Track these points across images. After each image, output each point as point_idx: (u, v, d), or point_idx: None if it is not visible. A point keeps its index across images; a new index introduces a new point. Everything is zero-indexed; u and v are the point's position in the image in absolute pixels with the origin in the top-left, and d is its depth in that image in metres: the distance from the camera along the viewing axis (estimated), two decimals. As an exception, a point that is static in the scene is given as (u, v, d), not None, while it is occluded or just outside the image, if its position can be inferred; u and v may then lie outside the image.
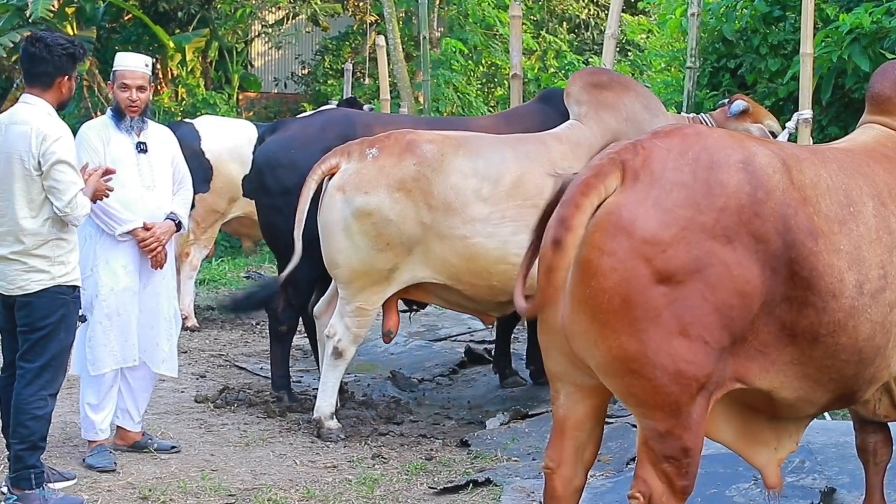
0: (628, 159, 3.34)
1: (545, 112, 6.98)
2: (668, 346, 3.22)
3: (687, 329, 3.22)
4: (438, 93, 15.19)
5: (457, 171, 5.91)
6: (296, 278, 6.46)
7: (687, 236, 3.23)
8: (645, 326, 3.21)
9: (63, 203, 4.77)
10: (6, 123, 4.89)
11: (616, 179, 3.31)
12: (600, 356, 3.31)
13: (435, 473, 5.46)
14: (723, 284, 3.24)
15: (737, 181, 3.32)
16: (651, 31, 15.55)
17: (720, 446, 4.89)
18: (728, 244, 3.26)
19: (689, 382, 3.26)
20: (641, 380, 3.26)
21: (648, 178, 3.30)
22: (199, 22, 17.91)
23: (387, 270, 5.93)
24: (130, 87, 5.63)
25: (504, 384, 7.26)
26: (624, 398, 3.40)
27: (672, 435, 3.31)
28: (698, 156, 3.35)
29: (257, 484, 5.29)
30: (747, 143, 3.50)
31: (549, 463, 3.65)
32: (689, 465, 3.34)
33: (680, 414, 3.29)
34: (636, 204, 3.26)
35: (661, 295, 3.21)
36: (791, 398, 3.53)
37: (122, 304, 5.53)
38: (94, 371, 5.53)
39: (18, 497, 4.81)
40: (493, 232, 5.88)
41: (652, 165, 3.32)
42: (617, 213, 3.26)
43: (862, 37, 7.48)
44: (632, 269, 3.21)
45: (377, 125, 6.78)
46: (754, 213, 3.30)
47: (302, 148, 6.70)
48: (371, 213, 5.87)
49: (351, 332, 6.04)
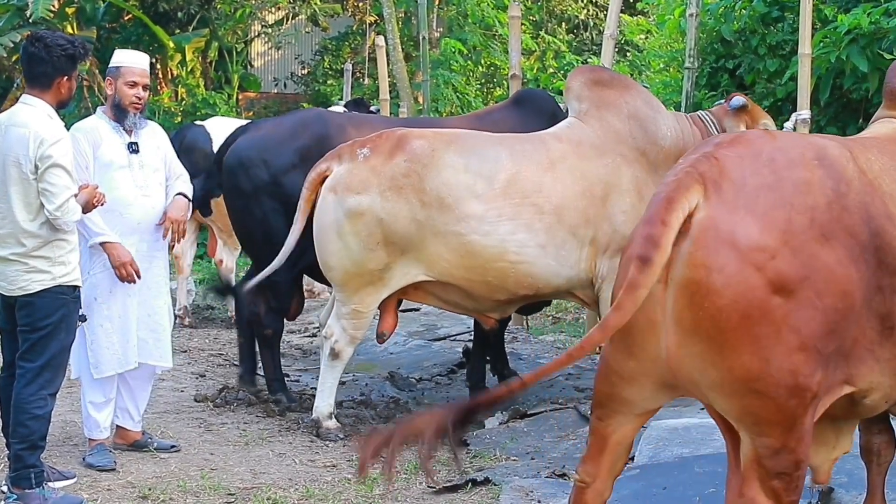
0: (705, 170, 3.21)
1: (517, 113, 6.98)
2: (788, 361, 3.10)
3: (804, 341, 3.10)
4: (438, 93, 15.20)
5: (448, 166, 5.88)
6: (276, 281, 6.54)
7: (790, 239, 3.12)
8: (767, 343, 3.08)
9: (54, 206, 4.76)
10: (5, 125, 4.88)
11: (698, 192, 3.18)
12: (718, 377, 3.15)
13: (434, 473, 5.46)
14: (828, 288, 3.13)
15: (819, 177, 3.23)
16: (650, 31, 15.54)
17: (719, 446, 4.91)
18: (826, 243, 3.15)
19: (806, 395, 3.14)
20: (763, 398, 3.12)
21: (731, 186, 3.18)
22: (198, 22, 17.93)
23: (379, 271, 5.90)
24: (138, 85, 5.60)
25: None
26: (739, 417, 3.23)
27: (786, 449, 3.18)
28: (772, 157, 3.25)
29: (257, 483, 5.30)
30: (812, 138, 3.40)
31: (584, 477, 3.57)
32: (798, 478, 3.23)
33: (794, 427, 3.17)
34: (729, 214, 3.13)
35: (777, 306, 3.08)
36: (877, 397, 3.43)
37: (121, 305, 5.54)
38: (97, 374, 5.53)
39: (18, 496, 4.82)
40: (489, 230, 5.84)
41: (730, 174, 3.20)
42: (713, 227, 3.12)
43: (860, 37, 7.49)
44: (745, 281, 3.08)
45: (350, 126, 6.78)
46: (842, 208, 3.21)
47: (274, 148, 6.69)
48: (363, 213, 5.85)
49: (347, 334, 6.03)
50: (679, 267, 3.14)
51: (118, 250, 5.41)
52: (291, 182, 6.51)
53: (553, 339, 9.01)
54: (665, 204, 3.17)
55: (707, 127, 6.45)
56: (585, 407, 6.18)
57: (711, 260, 3.10)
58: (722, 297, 3.08)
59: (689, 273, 3.13)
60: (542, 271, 5.94)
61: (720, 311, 3.08)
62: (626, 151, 6.17)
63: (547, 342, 8.81)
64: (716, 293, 3.09)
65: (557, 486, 5.02)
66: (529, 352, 8.35)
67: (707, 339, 3.12)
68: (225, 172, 6.88)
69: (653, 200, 3.26)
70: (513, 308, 6.42)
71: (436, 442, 3.43)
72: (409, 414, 6.68)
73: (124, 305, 5.54)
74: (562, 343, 8.79)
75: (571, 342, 8.86)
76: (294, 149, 6.57)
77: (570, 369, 7.61)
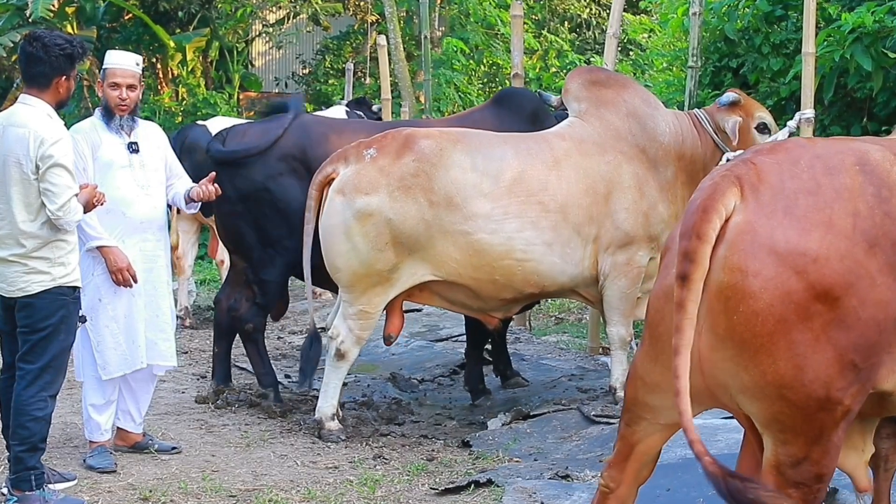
0: (742, 174, 3.17)
1: (497, 113, 6.97)
2: (823, 372, 3.03)
3: (842, 353, 3.03)
4: (439, 92, 15.19)
5: (456, 165, 5.90)
6: (266, 280, 6.65)
7: (833, 244, 3.05)
8: (803, 350, 3.02)
9: (56, 206, 4.74)
10: (4, 125, 4.86)
11: (734, 196, 3.14)
12: (750, 380, 3.11)
13: (436, 474, 5.45)
14: (871, 298, 3.05)
15: (859, 183, 3.15)
16: (653, 30, 15.52)
17: (721, 448, 4.89)
18: (869, 250, 3.08)
19: (837, 409, 3.08)
20: (792, 407, 3.07)
21: (769, 189, 3.12)
22: (199, 21, 17.91)
23: (387, 271, 5.91)
24: (121, 86, 5.56)
25: (506, 385, 7.25)
26: (766, 423, 3.19)
27: (809, 461, 3.13)
28: (812, 163, 3.18)
29: (258, 485, 5.28)
30: (853, 143, 3.33)
31: (609, 483, 3.54)
32: (818, 491, 3.18)
33: (821, 440, 3.11)
34: (767, 218, 3.09)
35: (818, 314, 3.01)
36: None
37: (127, 306, 5.51)
38: (105, 376, 5.51)
39: (19, 498, 4.80)
40: (495, 228, 5.86)
41: (769, 178, 3.15)
42: (750, 230, 3.08)
43: (864, 36, 7.45)
44: (783, 285, 3.02)
45: (331, 132, 6.80)
46: (884, 214, 3.13)
47: (258, 152, 6.67)
48: (372, 214, 5.86)
49: (354, 335, 6.02)
50: (714, 271, 3.11)
51: (115, 254, 5.38)
52: (277, 186, 6.60)
53: (556, 339, 8.98)
54: (701, 214, 3.13)
55: (702, 124, 6.46)
56: (588, 408, 6.16)
57: (748, 263, 3.06)
58: (758, 300, 3.04)
59: (725, 277, 3.09)
60: (548, 269, 5.95)
61: (755, 315, 3.05)
62: (626, 149, 6.19)
63: (550, 343, 8.79)
64: (752, 297, 3.05)
65: (560, 488, 5.00)
66: (532, 352, 8.34)
67: (741, 342, 3.08)
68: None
69: (689, 208, 3.21)
70: (517, 307, 6.44)
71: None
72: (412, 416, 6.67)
73: (130, 306, 5.52)
74: (564, 344, 8.77)
75: (574, 343, 8.85)
76: (278, 154, 6.62)
77: (573, 370, 7.59)
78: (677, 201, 6.27)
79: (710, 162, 6.36)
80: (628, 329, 6.26)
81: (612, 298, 6.17)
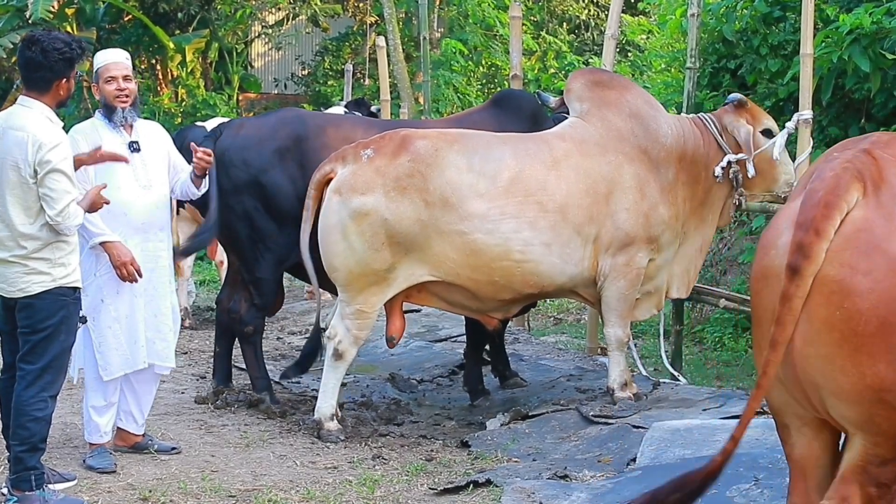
0: (863, 168, 3.12)
1: (496, 114, 6.98)
2: None
3: None
4: (438, 93, 15.19)
5: (452, 166, 5.91)
6: (262, 279, 6.67)
7: None
8: None
9: (55, 212, 4.74)
10: (3, 127, 4.85)
11: (857, 191, 3.09)
12: (847, 383, 3.05)
13: (435, 474, 5.46)
14: None
15: None
16: (651, 31, 15.54)
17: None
18: None
19: None
20: (890, 410, 3.03)
21: (889, 191, 3.08)
22: (198, 23, 17.91)
23: (383, 271, 5.92)
24: (117, 78, 5.56)
25: (504, 385, 7.26)
26: (859, 424, 3.13)
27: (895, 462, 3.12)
28: None
29: (257, 485, 5.29)
30: None
31: None
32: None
33: None
34: (885, 219, 3.04)
35: None
36: None
37: (128, 306, 5.52)
38: (106, 376, 5.51)
39: (19, 499, 4.81)
40: (492, 228, 5.87)
41: (890, 178, 3.10)
42: (867, 229, 3.04)
43: (862, 37, 7.46)
44: (892, 289, 2.98)
45: (329, 126, 6.81)
46: None
47: (254, 147, 6.69)
48: (368, 214, 5.88)
49: (351, 334, 6.04)
50: (824, 263, 3.05)
51: (118, 249, 5.39)
52: (271, 181, 6.60)
53: (555, 340, 9.00)
54: (822, 209, 3.07)
55: (707, 126, 6.45)
56: (587, 408, 6.17)
57: (860, 261, 3.02)
58: (865, 300, 3.00)
59: (832, 271, 3.05)
60: (547, 269, 5.96)
61: (860, 314, 3.01)
62: (628, 149, 6.19)
63: (548, 343, 8.80)
64: (858, 295, 3.01)
65: (559, 488, 5.01)
66: (531, 353, 8.34)
67: (839, 340, 3.05)
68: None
69: (809, 197, 3.13)
70: (516, 308, 6.44)
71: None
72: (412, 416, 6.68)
73: (131, 306, 5.53)
74: (563, 344, 8.79)
75: (573, 343, 8.86)
76: (273, 148, 6.65)
77: (572, 370, 7.60)
78: (678, 202, 6.28)
79: (712, 163, 6.37)
80: (626, 330, 6.27)
81: (611, 299, 6.19)
